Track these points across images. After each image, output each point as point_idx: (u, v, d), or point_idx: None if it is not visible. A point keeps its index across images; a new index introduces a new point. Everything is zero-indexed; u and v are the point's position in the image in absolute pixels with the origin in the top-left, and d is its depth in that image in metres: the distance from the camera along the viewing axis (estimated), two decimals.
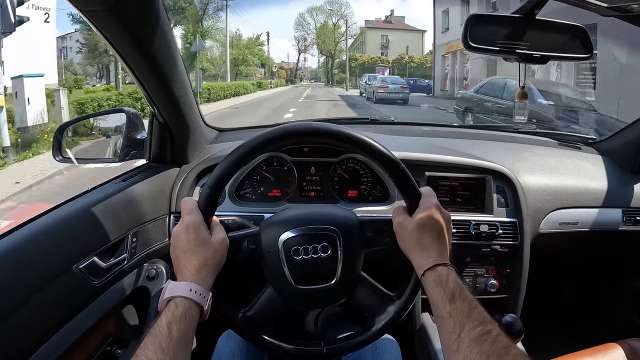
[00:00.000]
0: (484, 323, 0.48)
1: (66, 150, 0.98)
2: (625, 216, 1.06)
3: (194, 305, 0.53)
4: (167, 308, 0.52)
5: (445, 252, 0.58)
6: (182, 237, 0.58)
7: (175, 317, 0.51)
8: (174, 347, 0.48)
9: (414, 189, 0.61)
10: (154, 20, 0.67)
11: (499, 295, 0.98)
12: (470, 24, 0.74)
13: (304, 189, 1.01)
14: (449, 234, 0.60)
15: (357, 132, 0.61)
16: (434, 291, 0.53)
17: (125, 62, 0.72)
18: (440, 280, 0.54)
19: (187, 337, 0.51)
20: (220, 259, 0.60)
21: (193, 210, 0.59)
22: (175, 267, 0.59)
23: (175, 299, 0.53)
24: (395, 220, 0.62)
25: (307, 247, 0.62)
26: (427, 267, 0.55)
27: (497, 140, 1.22)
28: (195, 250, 0.57)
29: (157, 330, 0.49)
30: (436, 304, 0.53)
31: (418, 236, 0.58)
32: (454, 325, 0.49)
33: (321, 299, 0.65)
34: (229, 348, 0.79)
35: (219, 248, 0.59)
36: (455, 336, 0.48)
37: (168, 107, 0.87)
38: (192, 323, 0.53)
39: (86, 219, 0.75)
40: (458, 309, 0.50)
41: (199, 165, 0.96)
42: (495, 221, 0.95)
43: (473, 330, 0.47)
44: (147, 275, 0.89)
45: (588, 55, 0.81)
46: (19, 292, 0.59)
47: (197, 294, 0.54)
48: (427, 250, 0.57)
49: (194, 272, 0.56)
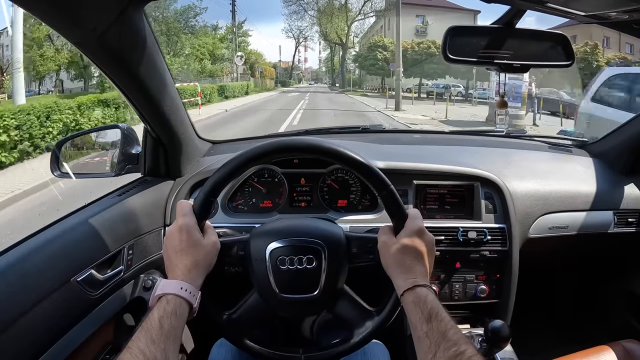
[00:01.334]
0: (458, 344, 0.50)
1: (64, 164, 1.01)
2: (616, 218, 1.06)
3: (184, 303, 0.56)
4: (159, 304, 0.55)
5: (426, 274, 0.60)
6: (175, 237, 0.61)
7: (167, 312, 0.54)
8: (164, 340, 0.51)
9: (401, 210, 0.63)
10: (142, 45, 0.70)
11: (489, 300, 0.99)
12: (450, 36, 0.76)
13: (294, 199, 1.03)
14: (431, 257, 0.62)
15: (349, 150, 0.63)
16: (412, 311, 0.56)
17: (114, 83, 0.75)
18: (418, 300, 0.56)
19: (176, 332, 0.54)
20: (211, 261, 0.63)
21: (187, 213, 0.63)
22: (166, 266, 0.62)
23: (166, 295, 0.56)
24: (380, 239, 0.64)
25: (293, 258, 0.64)
26: (406, 287, 0.57)
27: (488, 145, 1.22)
28: (187, 251, 0.60)
29: (149, 325, 0.52)
30: (414, 324, 0.55)
31: (400, 257, 0.60)
32: (429, 345, 0.51)
33: (303, 308, 0.68)
34: (221, 356, 0.81)
35: (210, 250, 0.63)
36: (430, 356, 0.50)
37: (160, 124, 0.89)
38: (182, 319, 0.56)
39: (84, 233, 0.78)
40: (434, 329, 0.52)
41: (192, 178, 0.98)
42: (484, 227, 0.96)
43: (448, 351, 0.49)
44: (144, 285, 0.91)
45: (570, 62, 0.82)
46: (19, 304, 0.62)
47: (187, 292, 0.57)
48: (407, 271, 0.59)
49: (185, 271, 0.59)
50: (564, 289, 1.33)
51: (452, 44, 0.76)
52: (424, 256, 0.61)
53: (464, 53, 0.76)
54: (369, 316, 0.66)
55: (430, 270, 0.61)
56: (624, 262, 1.20)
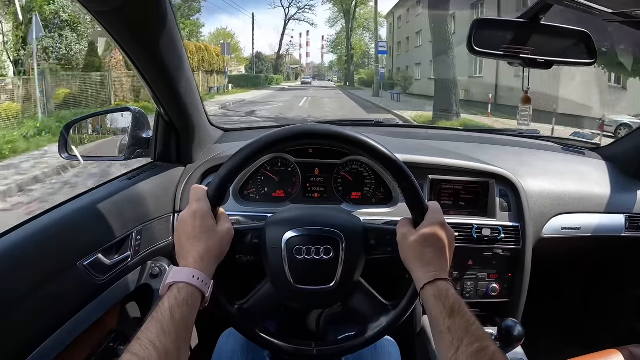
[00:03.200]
0: (481, 339, 0.49)
1: (72, 147, 0.99)
2: (628, 222, 1.06)
3: (196, 291, 0.54)
4: (170, 292, 0.53)
5: (446, 268, 0.59)
6: (188, 222, 0.59)
7: (178, 301, 0.51)
8: (176, 330, 0.49)
9: (422, 202, 0.61)
10: (162, 21, 0.68)
11: (500, 299, 0.98)
12: (476, 28, 0.75)
13: (307, 190, 1.01)
14: (451, 250, 0.61)
15: (371, 139, 0.61)
16: (433, 305, 0.54)
17: (132, 61, 0.73)
18: (440, 294, 0.54)
19: (188, 322, 0.52)
20: (224, 249, 0.60)
21: (202, 198, 0.60)
22: (178, 253, 0.59)
23: (177, 284, 0.53)
24: (400, 231, 0.62)
25: (310, 248, 0.62)
26: (427, 281, 0.56)
27: (501, 144, 1.22)
28: (200, 237, 0.58)
29: (160, 314, 0.50)
30: (435, 318, 0.53)
31: (420, 250, 0.59)
32: (452, 340, 0.50)
33: (317, 300, 0.66)
34: (229, 347, 0.80)
35: (224, 237, 0.60)
36: (453, 351, 0.49)
37: (174, 107, 0.88)
38: (194, 308, 0.54)
39: (92, 216, 0.76)
40: (457, 325, 0.51)
41: (204, 164, 0.97)
42: (498, 225, 0.95)
43: (471, 346, 0.48)
44: (151, 273, 0.89)
45: (592, 60, 0.82)
46: (24, 286, 0.60)
47: (199, 281, 0.54)
48: (428, 264, 0.58)
49: (198, 259, 0.56)
50: (573, 291, 1.33)
51: (478, 36, 0.74)
52: (445, 249, 0.59)
53: (489, 46, 0.75)
54: (385, 311, 0.64)
55: (450, 265, 0.60)
56: (633, 267, 1.20)
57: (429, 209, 0.62)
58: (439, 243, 0.59)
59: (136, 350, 0.46)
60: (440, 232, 0.60)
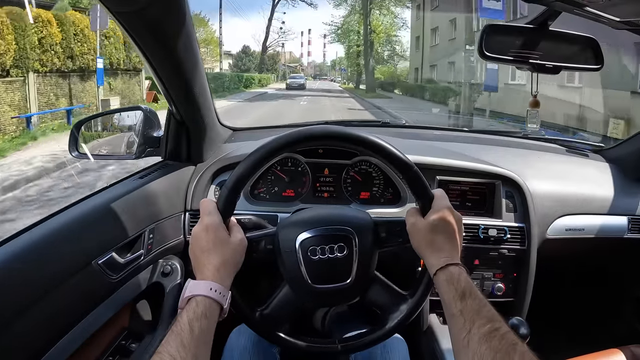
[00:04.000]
0: (492, 321, 0.50)
1: (82, 145, 0.99)
2: (630, 224, 1.07)
3: (214, 304, 0.55)
4: (188, 306, 0.53)
5: (457, 252, 0.60)
6: (201, 237, 0.59)
7: (197, 315, 0.52)
8: (195, 344, 0.50)
9: (427, 191, 0.63)
10: (180, 22, 0.69)
11: (505, 299, 1.00)
12: (486, 33, 0.76)
13: (317, 189, 1.02)
14: (461, 235, 0.63)
15: (373, 136, 0.63)
16: (445, 290, 0.56)
17: (147, 60, 0.74)
18: (451, 279, 0.56)
19: (207, 335, 0.53)
20: (239, 259, 0.61)
21: (212, 211, 0.61)
22: (194, 267, 0.60)
23: (196, 297, 0.54)
24: (409, 221, 0.64)
25: (324, 247, 0.64)
26: (439, 266, 0.58)
27: (506, 145, 1.23)
28: (215, 250, 0.58)
29: (179, 328, 0.50)
30: (447, 302, 0.55)
31: (431, 237, 0.60)
32: (464, 322, 0.51)
33: (337, 297, 0.67)
34: (241, 343, 0.81)
35: (238, 248, 0.61)
36: (465, 333, 0.50)
37: (187, 106, 0.88)
38: (213, 321, 0.54)
39: (106, 215, 0.76)
40: (468, 307, 0.52)
41: (215, 164, 0.98)
42: (504, 226, 0.97)
43: (482, 327, 0.49)
44: (162, 271, 0.90)
45: (599, 66, 0.83)
46: (41, 285, 0.61)
47: (217, 293, 0.55)
48: (439, 250, 0.59)
49: (214, 271, 0.57)
50: (576, 291, 1.35)
51: (489, 41, 0.76)
52: (455, 234, 0.61)
53: (499, 51, 0.77)
54: (403, 299, 0.66)
55: (460, 248, 0.61)
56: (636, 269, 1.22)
57: (435, 196, 0.64)
58: (448, 228, 0.61)
59: None
60: (448, 218, 0.61)
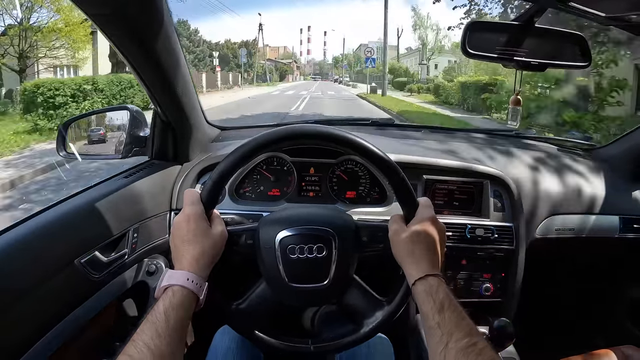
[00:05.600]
0: (470, 335, 0.49)
1: (70, 145, 1.00)
2: (622, 223, 1.06)
3: (190, 294, 0.55)
4: (165, 295, 0.54)
5: (437, 263, 0.59)
6: (182, 226, 0.59)
7: (173, 304, 0.52)
8: (170, 333, 0.50)
9: (412, 198, 0.62)
10: (158, 23, 0.68)
11: (493, 299, 0.99)
12: (470, 30, 0.75)
13: (303, 189, 1.02)
14: (442, 246, 0.62)
15: (359, 138, 0.62)
16: (423, 301, 0.55)
17: (128, 62, 0.74)
18: (430, 290, 0.55)
19: (183, 325, 0.53)
20: (218, 251, 0.61)
21: (195, 202, 0.61)
22: (173, 256, 0.60)
23: (172, 287, 0.54)
24: (391, 228, 0.63)
25: (303, 247, 0.63)
26: (418, 277, 0.57)
27: (497, 144, 1.22)
28: (194, 241, 0.59)
29: (154, 317, 0.51)
30: (425, 313, 0.54)
31: (411, 246, 0.59)
32: (441, 335, 0.50)
33: (313, 298, 0.67)
34: (224, 344, 0.81)
35: (218, 240, 0.61)
36: (442, 346, 0.49)
37: (171, 106, 0.88)
38: (188, 311, 0.55)
39: (89, 214, 0.76)
40: (446, 320, 0.51)
41: (201, 163, 0.97)
42: (491, 225, 0.96)
43: (460, 342, 0.49)
44: (147, 270, 0.90)
45: (587, 63, 0.82)
46: (22, 284, 0.61)
47: (193, 284, 0.55)
48: (419, 261, 0.58)
49: (192, 261, 0.57)
50: (566, 291, 1.34)
51: (472, 39, 0.75)
52: (436, 245, 0.60)
53: (483, 48, 0.76)
54: (379, 306, 0.65)
55: (441, 260, 0.60)
56: (627, 269, 1.21)
57: (420, 204, 0.63)
58: (429, 239, 0.60)
59: (131, 352, 0.47)
60: (430, 228, 0.60)
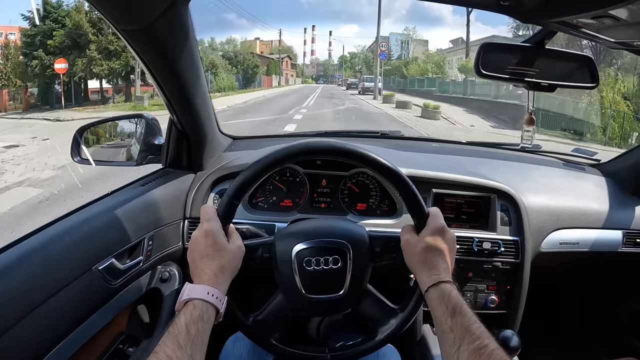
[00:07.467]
0: (481, 337, 0.51)
1: (84, 151, 1.01)
2: (625, 238, 1.08)
3: (210, 308, 0.57)
4: (185, 309, 0.55)
5: (449, 270, 0.62)
6: (200, 242, 0.61)
7: (194, 317, 0.54)
8: (191, 346, 0.51)
9: (423, 209, 0.65)
10: (184, 38, 0.70)
11: (499, 311, 1.01)
12: (483, 51, 0.78)
13: (314, 200, 1.04)
14: (453, 254, 0.64)
15: (372, 152, 0.64)
16: (436, 307, 0.57)
17: (151, 74, 0.76)
18: (442, 296, 0.57)
19: (203, 337, 0.54)
20: (236, 265, 0.63)
21: (212, 217, 0.63)
22: (192, 271, 0.62)
23: (193, 300, 0.56)
24: (403, 238, 0.66)
25: (319, 259, 0.65)
26: (430, 283, 0.59)
27: (503, 158, 1.24)
28: (213, 256, 0.60)
29: (176, 330, 0.52)
30: (438, 318, 0.56)
31: (424, 255, 0.62)
32: (454, 338, 0.53)
33: (329, 308, 0.69)
34: (236, 351, 0.82)
35: (236, 254, 0.63)
36: (454, 349, 0.52)
37: (188, 116, 0.90)
38: (209, 324, 0.56)
39: (107, 222, 0.78)
40: (458, 324, 0.54)
41: (214, 172, 0.99)
42: (498, 239, 0.98)
43: (472, 344, 0.51)
44: (161, 277, 0.92)
45: (594, 84, 0.85)
46: (44, 290, 0.63)
47: (213, 297, 0.57)
48: (431, 268, 0.61)
49: (212, 276, 0.59)
50: (570, 304, 1.35)
51: (485, 60, 0.77)
52: (447, 253, 0.62)
53: (495, 69, 0.78)
54: (393, 313, 0.68)
55: (452, 267, 0.63)
56: (629, 282, 1.23)
57: (430, 214, 0.65)
58: (440, 247, 0.62)
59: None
60: (441, 237, 0.63)
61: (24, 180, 5.55)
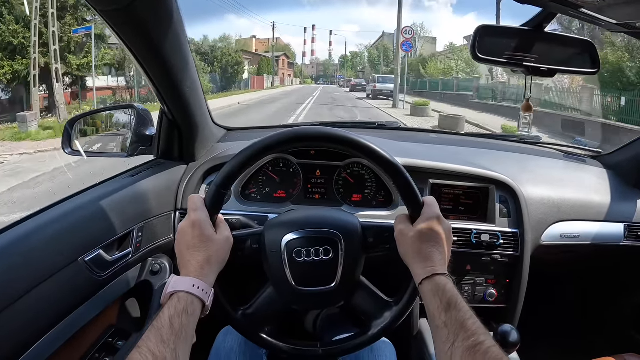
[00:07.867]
0: (477, 334, 0.49)
1: (75, 143, 1.00)
2: (627, 231, 1.06)
3: (196, 300, 0.54)
4: (170, 302, 0.53)
5: (444, 262, 0.59)
6: (187, 232, 0.59)
7: (178, 311, 0.52)
8: (175, 340, 0.49)
9: (417, 198, 0.62)
10: (168, 20, 0.68)
11: (498, 305, 0.99)
12: (479, 34, 0.75)
13: (309, 191, 1.02)
14: (449, 244, 0.61)
15: (364, 139, 0.62)
16: (430, 300, 0.54)
17: (137, 60, 0.74)
18: (437, 289, 0.55)
19: (188, 331, 0.52)
20: (224, 257, 0.61)
21: (199, 207, 0.61)
22: (179, 262, 0.60)
23: (178, 293, 0.54)
24: (397, 228, 0.63)
25: (310, 250, 0.63)
26: (425, 276, 0.56)
27: (503, 149, 1.22)
28: (200, 247, 0.58)
29: (160, 324, 0.50)
30: (432, 313, 0.54)
31: (418, 246, 0.59)
32: (448, 334, 0.50)
33: (320, 301, 0.67)
34: (227, 344, 0.80)
35: (223, 246, 0.61)
36: (449, 345, 0.49)
37: (178, 105, 0.88)
38: (194, 318, 0.54)
39: (94, 213, 0.76)
40: (453, 319, 0.51)
41: (206, 163, 0.97)
42: (497, 231, 0.95)
43: (467, 341, 0.48)
44: (151, 269, 0.90)
45: (595, 70, 0.82)
46: (26, 281, 0.61)
47: (199, 290, 0.55)
48: (426, 260, 0.58)
49: (198, 268, 0.57)
50: (570, 298, 1.33)
51: (482, 43, 0.75)
52: (442, 243, 0.59)
53: (492, 53, 0.76)
54: (388, 307, 0.65)
55: (448, 258, 0.60)
56: (631, 276, 1.20)
57: (425, 204, 0.63)
58: (436, 238, 0.59)
59: (136, 359, 0.46)
60: (437, 227, 0.60)
61: None
